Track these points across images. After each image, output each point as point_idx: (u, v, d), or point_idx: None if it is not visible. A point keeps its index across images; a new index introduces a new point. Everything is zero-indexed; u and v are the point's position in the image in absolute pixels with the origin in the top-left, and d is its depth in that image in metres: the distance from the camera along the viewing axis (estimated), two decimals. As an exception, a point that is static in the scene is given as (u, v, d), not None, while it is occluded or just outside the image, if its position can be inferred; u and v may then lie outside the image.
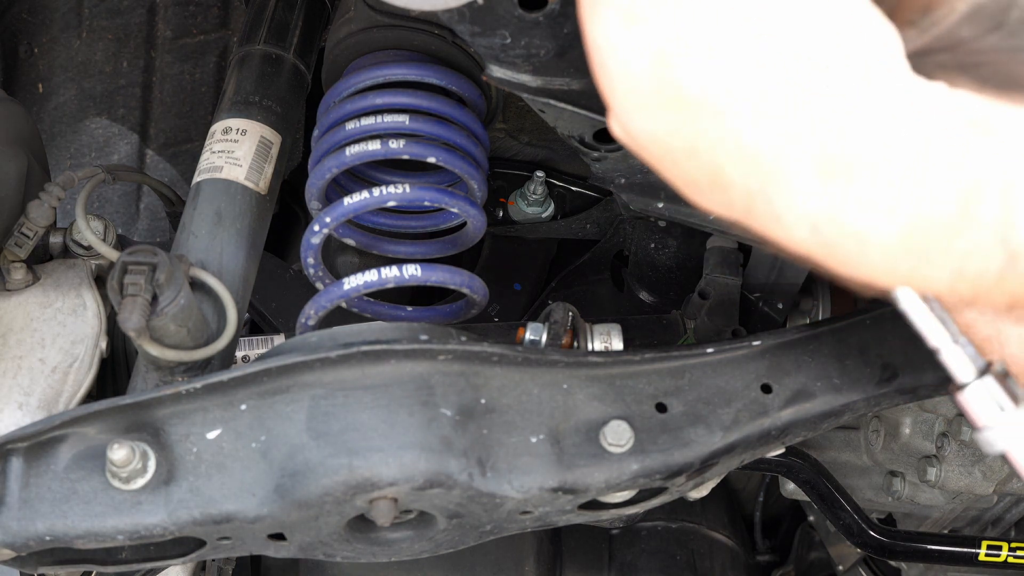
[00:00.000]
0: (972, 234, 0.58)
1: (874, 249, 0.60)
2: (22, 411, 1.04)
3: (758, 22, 0.58)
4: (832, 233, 0.60)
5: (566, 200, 1.65)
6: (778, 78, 0.58)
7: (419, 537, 1.02)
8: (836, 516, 1.43)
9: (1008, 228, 0.57)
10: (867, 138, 0.58)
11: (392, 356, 0.93)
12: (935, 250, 0.59)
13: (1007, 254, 0.58)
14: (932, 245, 0.59)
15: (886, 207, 0.59)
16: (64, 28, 1.85)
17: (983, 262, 0.59)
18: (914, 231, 0.59)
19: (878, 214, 0.59)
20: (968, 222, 0.58)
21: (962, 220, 0.58)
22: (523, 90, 1.05)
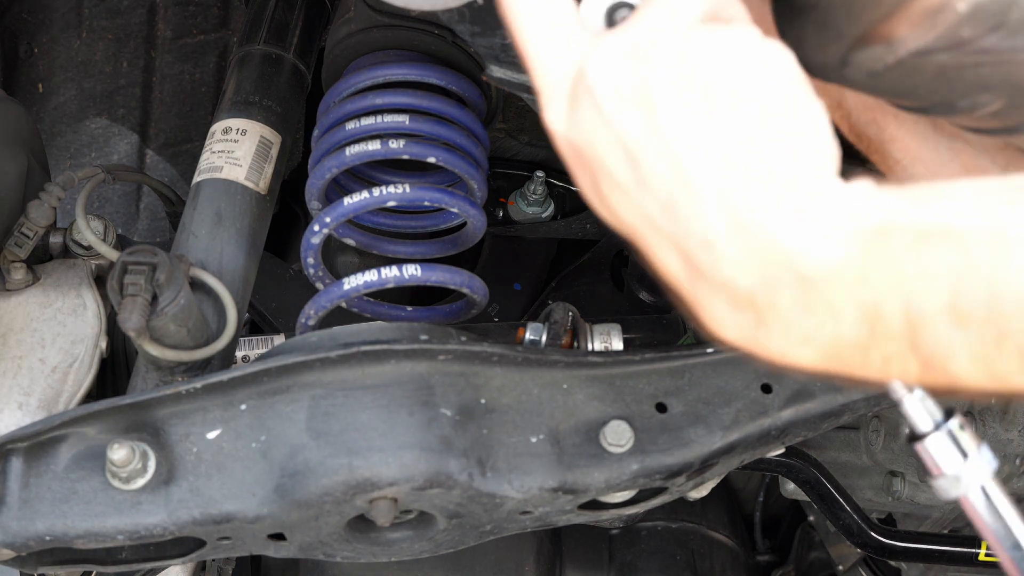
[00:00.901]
0: (884, 348, 0.59)
1: (800, 366, 0.62)
2: (22, 411, 1.04)
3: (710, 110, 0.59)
4: (757, 351, 0.63)
5: (566, 200, 1.65)
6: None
7: (419, 537, 1.02)
8: (836, 516, 1.43)
9: (917, 337, 0.57)
10: (777, 269, 0.59)
11: (392, 356, 0.93)
12: (855, 365, 0.61)
13: (921, 362, 0.58)
14: (851, 362, 0.61)
15: (799, 338, 0.60)
16: (64, 28, 1.85)
17: (902, 369, 0.59)
18: (830, 355, 0.60)
19: (793, 344, 0.61)
20: (877, 340, 0.58)
21: (871, 339, 0.59)
22: (523, 90, 1.05)
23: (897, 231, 0.57)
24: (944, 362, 0.57)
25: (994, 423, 1.42)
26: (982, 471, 0.66)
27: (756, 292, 0.60)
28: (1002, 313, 0.54)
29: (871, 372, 0.60)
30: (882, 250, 0.57)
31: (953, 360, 0.57)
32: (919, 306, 0.57)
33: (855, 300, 0.58)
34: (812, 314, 0.59)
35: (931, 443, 0.67)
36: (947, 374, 0.58)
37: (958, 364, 0.57)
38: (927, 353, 0.58)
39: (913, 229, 0.57)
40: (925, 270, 0.56)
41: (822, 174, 0.59)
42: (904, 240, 0.57)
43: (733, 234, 0.60)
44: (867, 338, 0.59)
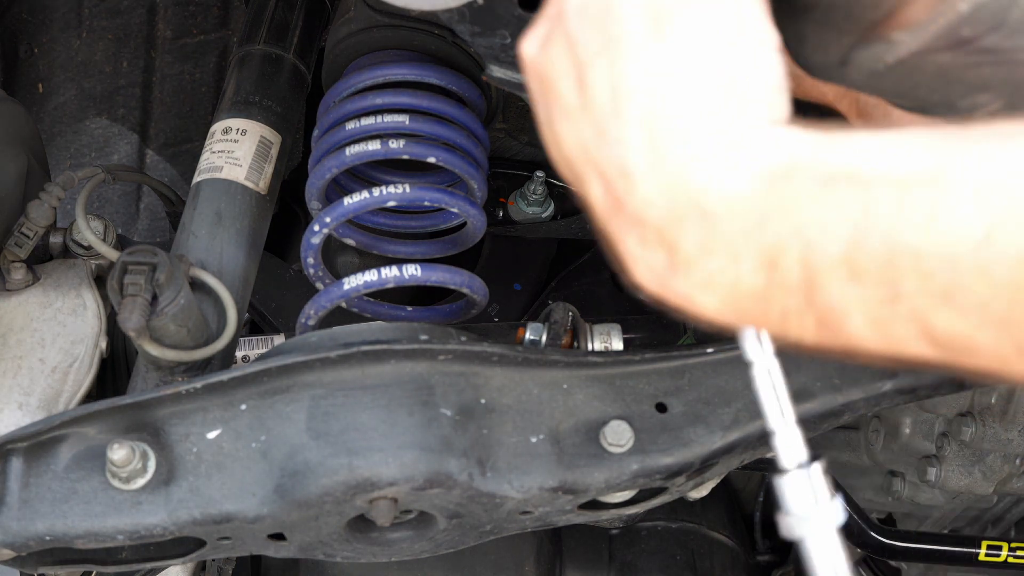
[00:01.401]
0: (782, 301, 0.57)
1: (704, 314, 0.60)
2: (22, 411, 1.04)
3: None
4: (666, 296, 0.61)
5: (566, 200, 1.65)
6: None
7: (419, 537, 1.02)
8: (836, 516, 1.42)
9: (813, 291, 0.55)
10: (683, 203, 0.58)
11: (392, 356, 0.93)
12: (756, 318, 0.59)
13: (817, 319, 0.56)
14: (751, 314, 0.59)
15: (701, 281, 0.59)
16: (64, 28, 1.85)
17: (799, 326, 0.57)
18: (731, 304, 0.59)
19: (696, 288, 0.59)
20: (775, 291, 0.56)
21: (769, 289, 0.57)
22: (523, 90, 1.05)
23: (803, 173, 0.55)
24: (839, 321, 0.55)
25: (994, 423, 1.43)
26: (826, 521, 0.66)
27: (663, 228, 0.59)
28: (897, 271, 0.52)
29: (772, 326, 0.59)
30: (784, 191, 0.55)
31: (848, 320, 0.54)
32: (816, 256, 0.54)
33: (754, 243, 0.56)
34: (713, 255, 0.58)
35: (788, 481, 0.67)
36: (843, 335, 0.55)
37: (853, 325, 0.54)
38: (823, 310, 0.55)
39: (819, 172, 0.54)
40: (824, 217, 0.54)
41: (746, 111, 0.58)
42: (808, 183, 0.55)
43: (649, 163, 0.59)
44: (765, 287, 0.57)
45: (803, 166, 0.55)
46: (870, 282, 0.53)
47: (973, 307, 0.50)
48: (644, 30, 0.60)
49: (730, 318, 0.60)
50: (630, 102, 0.60)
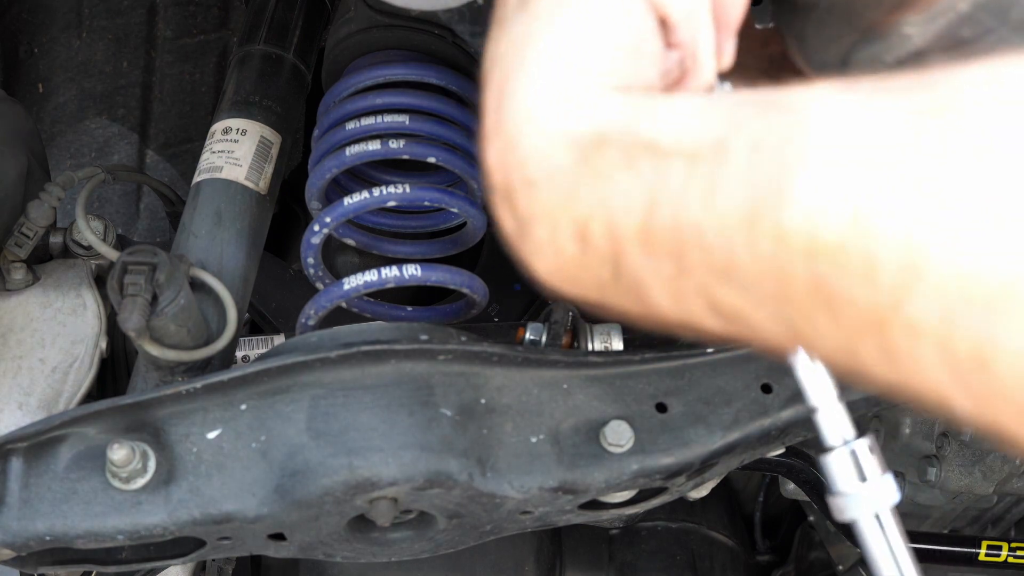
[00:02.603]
0: (597, 271, 0.57)
1: (544, 280, 0.61)
2: (22, 411, 1.04)
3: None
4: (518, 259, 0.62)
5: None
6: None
7: (419, 537, 1.02)
8: (836, 516, 1.42)
9: (618, 261, 0.55)
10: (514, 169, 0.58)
11: (392, 356, 0.93)
12: (579, 286, 0.59)
13: (624, 288, 0.57)
14: (576, 283, 0.59)
15: (534, 247, 0.60)
16: (64, 28, 1.85)
17: (614, 296, 0.58)
18: (558, 271, 0.60)
19: (530, 254, 0.60)
20: (590, 260, 0.57)
21: (585, 259, 0.57)
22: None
23: (614, 142, 0.54)
24: (643, 293, 0.55)
25: None
26: (879, 499, 0.64)
27: (503, 193, 0.60)
28: (684, 245, 0.51)
29: (592, 296, 0.59)
30: (595, 162, 0.55)
31: (650, 292, 0.55)
32: (618, 228, 0.54)
33: (568, 213, 0.56)
34: (538, 223, 0.58)
35: (834, 459, 0.66)
36: (648, 307, 0.56)
37: (655, 297, 0.55)
38: (628, 281, 0.56)
39: (627, 142, 0.54)
40: (626, 189, 0.53)
41: (580, 79, 0.57)
42: (616, 153, 0.54)
43: (493, 130, 0.60)
44: (581, 257, 0.57)
45: (615, 136, 0.55)
46: (662, 255, 0.53)
47: (748, 284, 0.50)
48: (515, 1, 0.62)
49: (560, 285, 0.60)
50: (492, 71, 0.61)
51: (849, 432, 0.66)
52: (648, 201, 0.53)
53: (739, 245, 0.49)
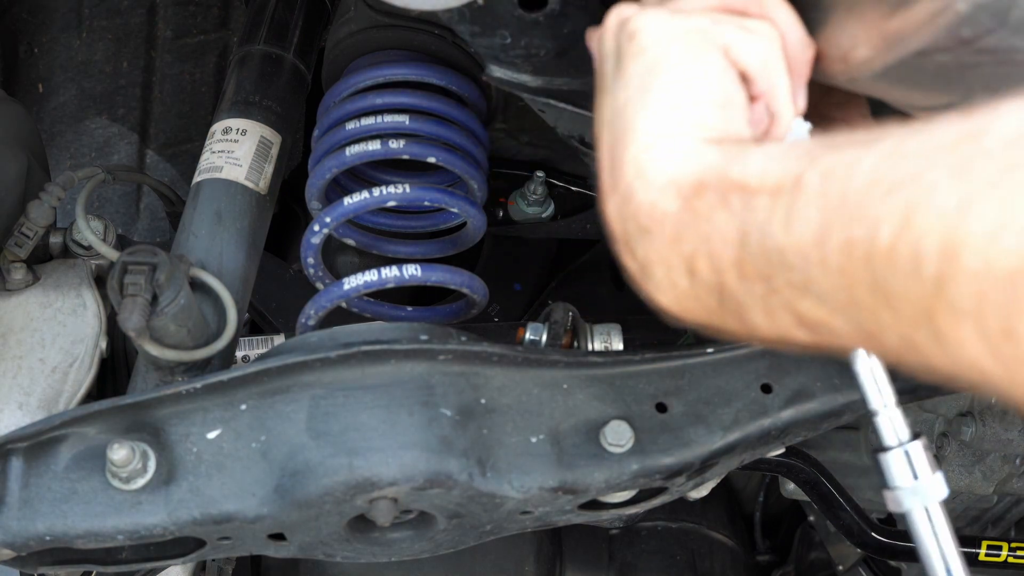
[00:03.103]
0: (707, 300, 0.66)
1: (666, 312, 0.70)
2: (22, 411, 1.04)
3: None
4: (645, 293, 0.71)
5: (566, 200, 1.65)
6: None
7: (419, 537, 1.02)
8: (836, 516, 1.43)
9: (722, 290, 0.64)
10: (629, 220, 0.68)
11: (392, 356, 0.93)
12: (695, 315, 0.68)
13: (728, 312, 0.65)
14: (691, 311, 0.68)
15: (655, 286, 0.69)
16: (64, 28, 1.85)
17: (721, 320, 0.66)
18: (679, 304, 0.68)
19: (653, 292, 0.69)
20: (699, 291, 0.66)
21: (695, 290, 0.66)
22: (523, 90, 1.05)
23: (710, 188, 0.63)
24: (744, 314, 0.63)
25: (994, 423, 1.43)
26: (929, 494, 0.73)
27: (623, 241, 0.69)
28: (771, 267, 0.59)
29: (707, 322, 0.67)
30: (696, 206, 0.64)
31: (749, 313, 0.63)
32: (718, 261, 0.63)
33: (678, 254, 0.65)
34: (655, 265, 0.67)
35: (890, 458, 0.74)
36: (750, 326, 0.64)
37: (753, 317, 0.63)
38: (731, 306, 0.64)
39: (721, 185, 0.62)
40: (722, 226, 0.62)
41: (677, 134, 0.67)
42: (712, 196, 0.63)
43: (609, 185, 0.69)
44: (692, 290, 0.66)
45: (711, 181, 0.63)
46: (754, 278, 0.61)
47: (824, 295, 0.57)
48: (612, 70, 0.73)
49: (680, 315, 0.69)
50: (602, 134, 0.71)
51: (904, 434, 0.74)
52: (740, 233, 0.61)
53: (814, 262, 0.57)
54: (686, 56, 0.69)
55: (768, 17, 0.73)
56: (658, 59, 0.70)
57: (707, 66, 0.69)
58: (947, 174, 0.50)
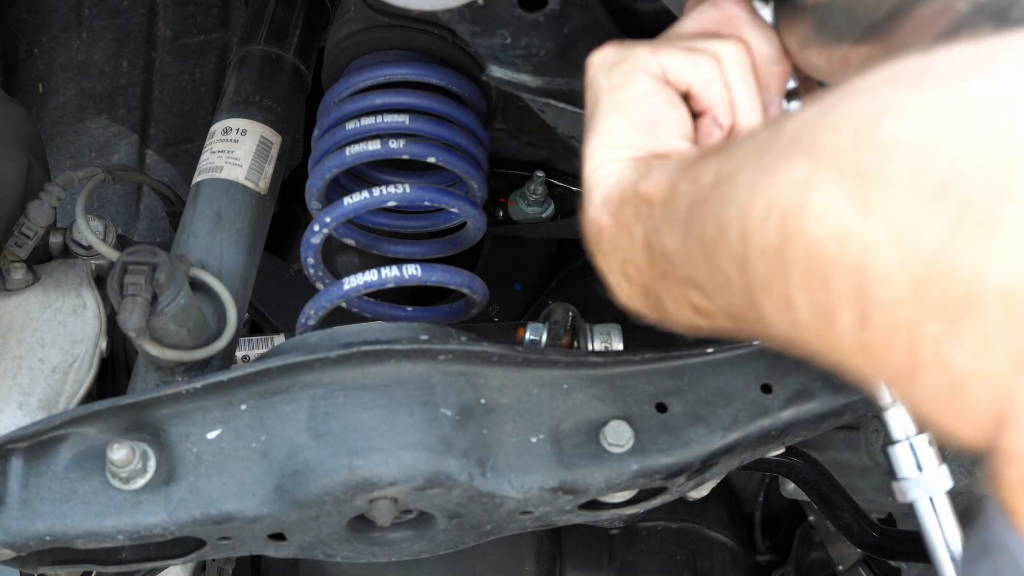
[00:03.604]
0: (641, 296, 0.75)
1: (634, 309, 0.79)
2: (22, 411, 1.04)
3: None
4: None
5: (566, 200, 1.64)
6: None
7: (419, 537, 1.02)
8: (836, 516, 1.42)
9: (646, 286, 0.73)
10: (589, 234, 0.80)
11: (392, 356, 0.93)
12: (636, 308, 0.77)
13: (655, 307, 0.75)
14: (633, 307, 0.77)
15: (614, 285, 0.78)
16: (64, 28, 1.85)
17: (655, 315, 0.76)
18: (634, 300, 0.77)
19: (618, 293, 0.79)
20: (634, 288, 0.76)
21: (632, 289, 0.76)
22: (523, 90, 1.05)
23: (628, 201, 0.73)
24: (662, 307, 0.74)
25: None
26: (934, 485, 0.78)
27: (591, 251, 0.79)
28: (667, 267, 0.69)
29: (649, 315, 0.76)
30: (620, 218, 0.74)
31: (665, 306, 0.73)
32: (639, 263, 0.72)
33: (616, 260, 0.75)
34: (607, 272, 0.78)
35: (897, 451, 0.79)
36: (667, 316, 0.74)
37: (669, 309, 0.73)
38: (654, 301, 0.74)
39: (635, 200, 0.72)
40: (638, 233, 0.71)
41: (608, 155, 0.77)
42: (630, 208, 0.72)
43: (586, 195, 0.79)
44: (630, 289, 0.76)
45: (628, 197, 0.73)
46: (660, 277, 0.71)
47: (701, 285, 0.66)
48: (588, 103, 0.81)
49: (634, 312, 0.78)
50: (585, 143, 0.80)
51: (911, 428, 0.80)
52: (646, 240, 0.70)
53: (686, 256, 0.65)
54: (617, 84, 0.78)
55: (738, 36, 0.80)
56: (599, 90, 0.79)
57: (635, 91, 0.78)
58: (749, 167, 0.57)
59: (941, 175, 0.45)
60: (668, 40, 0.83)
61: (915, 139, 0.47)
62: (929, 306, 0.45)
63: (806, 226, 0.51)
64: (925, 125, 0.47)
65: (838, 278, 0.49)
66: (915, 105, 0.48)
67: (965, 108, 0.46)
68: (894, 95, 0.49)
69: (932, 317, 0.45)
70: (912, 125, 0.47)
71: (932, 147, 0.46)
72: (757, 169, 0.56)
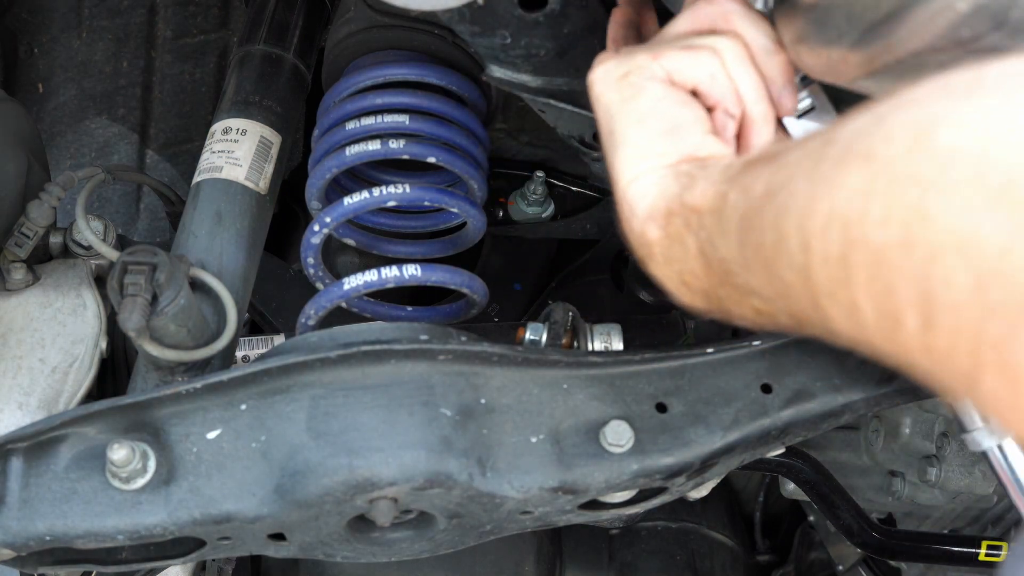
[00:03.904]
0: (699, 300, 0.80)
1: (685, 303, 0.83)
2: (22, 411, 1.04)
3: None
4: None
5: (566, 200, 1.65)
6: None
7: (419, 537, 1.02)
8: (836, 516, 1.42)
9: (710, 290, 0.77)
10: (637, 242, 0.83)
11: (392, 356, 0.93)
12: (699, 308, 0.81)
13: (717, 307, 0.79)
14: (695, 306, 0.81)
15: (671, 291, 0.82)
16: (64, 28, 1.85)
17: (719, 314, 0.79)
18: (686, 303, 0.82)
19: (673, 294, 0.82)
20: (690, 293, 0.80)
21: (691, 294, 0.80)
22: (523, 90, 1.05)
23: (675, 213, 0.75)
24: (727, 310, 0.76)
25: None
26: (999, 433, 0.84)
27: (642, 261, 0.82)
28: (723, 275, 0.72)
29: (718, 316, 0.79)
30: (670, 230, 0.76)
31: (730, 309, 0.76)
32: (695, 272, 0.75)
33: (672, 270, 0.78)
34: (663, 279, 0.80)
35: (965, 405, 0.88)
36: (733, 318, 0.77)
37: (733, 312, 0.76)
38: (717, 304, 0.77)
39: (682, 211, 0.75)
40: (690, 243, 0.74)
41: (642, 168, 0.79)
42: (679, 220, 0.75)
43: (621, 215, 0.82)
44: (690, 295, 0.79)
45: (675, 208, 0.75)
46: (720, 284, 0.74)
47: (760, 292, 0.69)
48: (602, 120, 0.84)
49: (701, 313, 0.81)
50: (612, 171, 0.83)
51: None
52: (700, 250, 0.73)
53: (742, 265, 0.68)
54: (628, 96, 0.80)
55: (733, 30, 0.81)
56: (610, 104, 0.81)
57: (648, 99, 0.80)
58: (804, 176, 0.58)
59: (1000, 181, 0.47)
60: (665, 41, 0.83)
61: (972, 147, 0.48)
62: (991, 308, 0.46)
63: (868, 234, 0.52)
64: (981, 134, 0.48)
65: (903, 283, 0.51)
66: (971, 114, 0.49)
67: (1020, 117, 0.48)
68: (949, 104, 0.51)
69: (994, 319, 0.46)
70: (969, 134, 0.49)
71: (989, 154, 0.48)
72: (813, 179, 0.57)
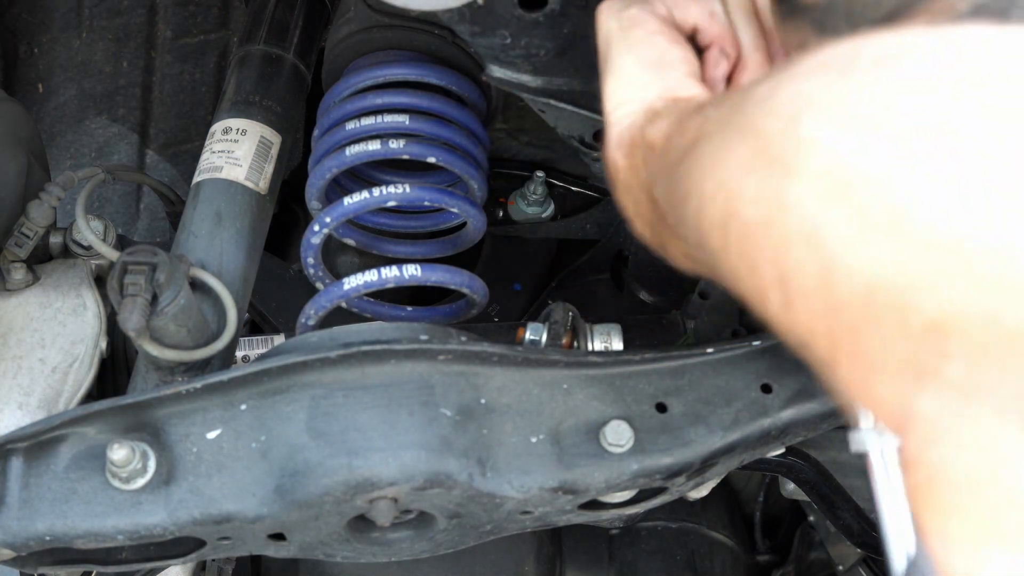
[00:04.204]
0: (649, 226, 0.80)
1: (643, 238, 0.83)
2: (22, 411, 1.04)
3: None
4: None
5: (566, 200, 1.65)
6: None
7: (419, 537, 1.02)
8: (836, 516, 1.42)
9: (654, 221, 0.78)
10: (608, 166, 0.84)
11: (392, 356, 0.93)
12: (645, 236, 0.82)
13: (659, 239, 0.80)
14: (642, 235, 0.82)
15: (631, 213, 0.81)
16: (64, 28, 1.85)
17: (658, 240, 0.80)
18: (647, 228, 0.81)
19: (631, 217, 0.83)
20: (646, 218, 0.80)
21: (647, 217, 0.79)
22: (523, 90, 1.05)
23: (637, 145, 0.76)
24: (666, 246, 0.79)
25: None
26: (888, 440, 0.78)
27: (608, 177, 0.83)
28: (664, 211, 0.72)
29: (661, 251, 0.80)
30: (631, 160, 0.77)
31: (667, 244, 0.78)
32: (648, 199, 0.76)
33: (631, 196, 0.79)
34: (624, 205, 0.81)
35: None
36: (670, 255, 0.79)
37: (669, 248, 0.78)
38: (658, 239, 0.79)
39: (642, 144, 0.75)
40: (645, 174, 0.75)
41: (621, 98, 0.80)
42: (639, 151, 0.76)
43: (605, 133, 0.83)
44: (640, 225, 0.81)
45: (636, 141, 0.76)
46: (661, 219, 0.75)
47: (687, 236, 0.67)
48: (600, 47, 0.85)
49: (650, 244, 0.82)
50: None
51: None
52: (647, 185, 0.75)
53: (673, 206, 0.68)
54: (626, 26, 0.82)
55: None
56: (609, 32, 0.83)
57: (643, 31, 0.81)
58: (716, 137, 0.59)
59: (846, 178, 0.47)
60: None
61: (828, 139, 0.48)
62: (837, 301, 0.47)
63: (741, 209, 0.53)
64: (839, 125, 0.48)
65: (765, 263, 0.51)
66: (835, 102, 0.49)
67: (876, 106, 0.47)
68: (823, 84, 0.51)
69: (840, 312, 0.47)
70: (827, 125, 0.49)
71: (841, 148, 0.47)
72: (720, 141, 0.57)
